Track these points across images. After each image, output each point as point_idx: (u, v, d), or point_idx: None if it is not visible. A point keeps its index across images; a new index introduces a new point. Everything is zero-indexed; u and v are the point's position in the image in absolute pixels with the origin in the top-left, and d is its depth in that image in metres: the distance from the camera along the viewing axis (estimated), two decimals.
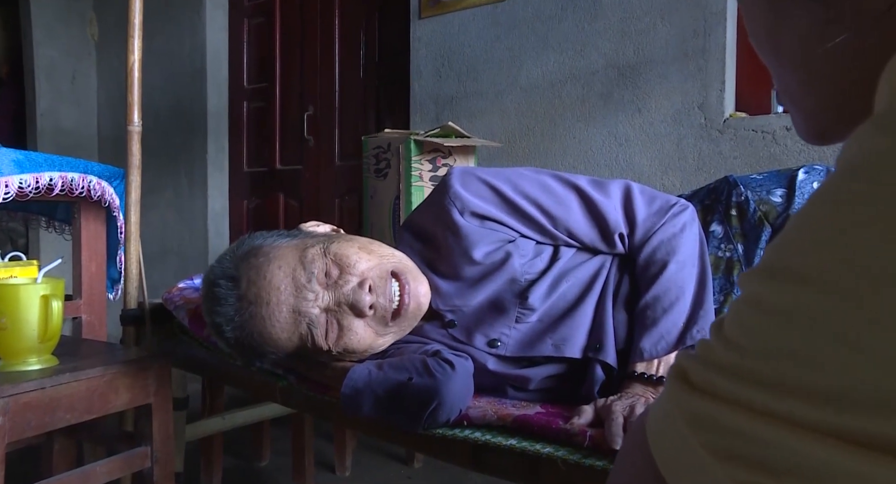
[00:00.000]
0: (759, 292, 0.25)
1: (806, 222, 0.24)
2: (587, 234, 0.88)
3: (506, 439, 0.74)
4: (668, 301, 0.81)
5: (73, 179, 1.42)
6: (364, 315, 0.84)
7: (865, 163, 0.22)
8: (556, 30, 1.93)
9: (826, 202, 0.23)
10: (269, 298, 0.83)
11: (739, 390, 0.25)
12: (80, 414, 0.88)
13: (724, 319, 0.27)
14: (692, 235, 0.86)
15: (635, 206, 0.86)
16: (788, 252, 0.24)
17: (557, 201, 0.88)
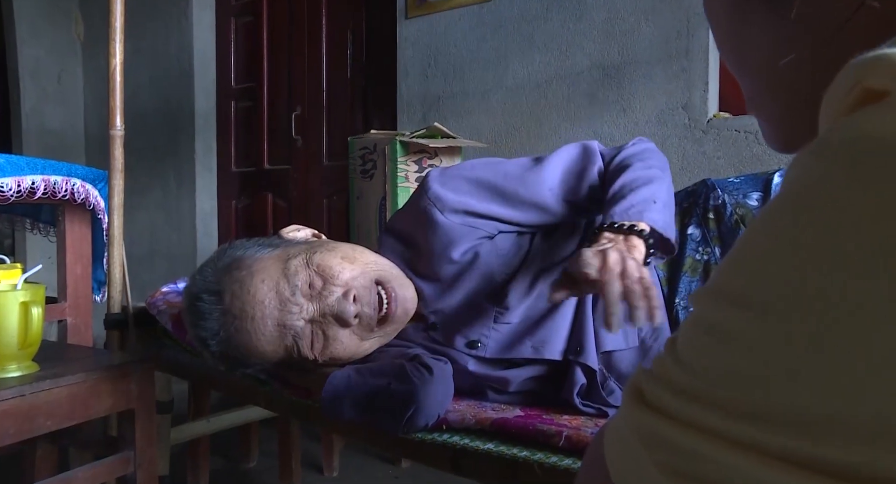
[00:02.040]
0: (706, 313, 0.26)
1: (747, 246, 0.25)
2: (570, 184, 0.88)
3: (483, 443, 0.75)
4: (637, 184, 0.80)
5: (55, 182, 1.41)
6: (349, 325, 0.84)
7: (800, 189, 0.23)
8: (542, 30, 1.94)
9: (765, 226, 0.24)
10: (254, 312, 0.83)
11: (688, 410, 0.25)
12: (61, 420, 0.88)
13: (677, 337, 0.28)
14: (656, 153, 0.89)
15: (602, 149, 0.91)
16: (731, 275, 0.25)
17: (535, 169, 0.89)
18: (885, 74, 0.20)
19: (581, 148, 0.91)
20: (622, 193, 0.79)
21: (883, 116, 0.20)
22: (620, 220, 0.76)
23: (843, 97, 0.22)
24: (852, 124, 0.21)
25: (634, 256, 0.72)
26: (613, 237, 0.74)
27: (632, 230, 0.74)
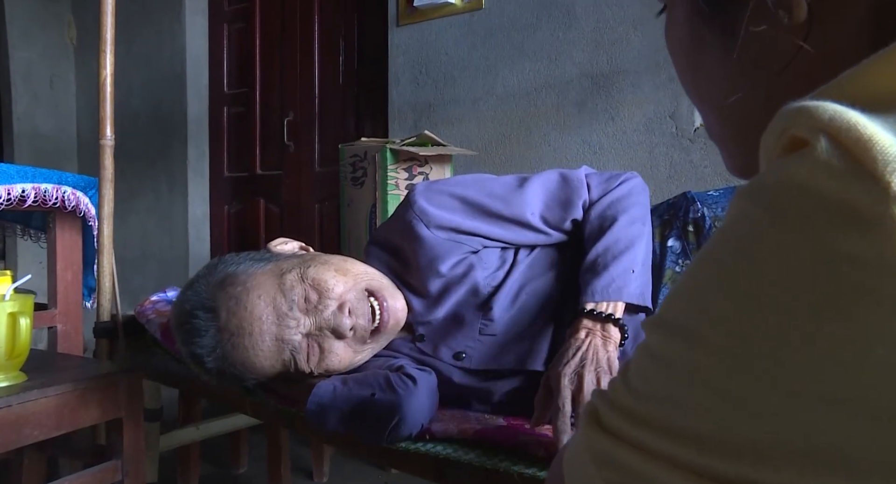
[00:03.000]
0: (651, 340, 0.27)
1: (688, 279, 0.26)
2: (553, 210, 0.90)
3: (466, 453, 0.77)
4: (619, 249, 0.83)
5: (46, 191, 1.42)
6: (345, 337, 0.86)
7: (732, 230, 0.24)
8: (532, 39, 1.96)
9: (703, 263, 0.25)
10: (252, 328, 0.83)
11: (635, 433, 0.27)
12: (49, 430, 0.89)
13: (630, 362, 0.29)
14: (641, 199, 0.90)
15: (590, 179, 0.92)
16: (674, 306, 0.27)
17: (520, 191, 0.90)
18: (805, 126, 0.22)
19: (566, 177, 0.91)
20: (604, 262, 0.83)
21: (803, 165, 0.21)
22: (601, 299, 0.81)
23: (776, 141, 0.24)
24: (778, 170, 0.22)
25: (608, 348, 0.77)
26: (592, 326, 0.79)
27: (609, 319, 0.80)
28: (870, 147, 0.20)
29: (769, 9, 0.29)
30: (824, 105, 0.22)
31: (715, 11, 0.32)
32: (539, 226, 0.90)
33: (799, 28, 0.29)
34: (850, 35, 0.29)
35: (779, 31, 0.29)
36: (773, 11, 0.29)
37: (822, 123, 0.21)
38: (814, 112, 0.22)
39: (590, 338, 0.78)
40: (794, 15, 0.29)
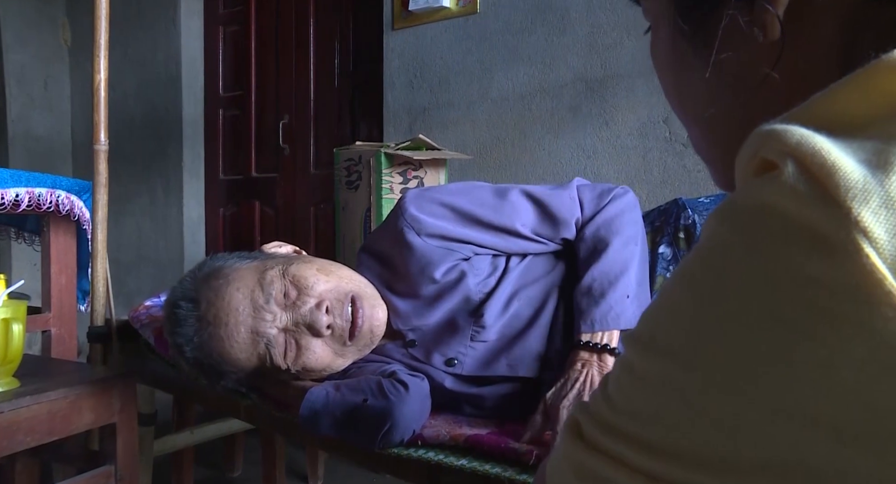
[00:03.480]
0: (629, 356, 0.28)
1: (665, 296, 0.27)
2: (544, 226, 0.91)
3: (457, 459, 0.77)
4: (614, 274, 0.84)
5: (40, 195, 1.42)
6: (321, 335, 0.86)
7: (705, 249, 0.25)
8: (526, 43, 1.97)
9: (677, 280, 0.26)
10: (228, 318, 0.85)
11: (613, 445, 0.27)
12: (41, 436, 0.89)
13: (609, 376, 0.30)
14: (633, 217, 0.90)
15: (582, 194, 0.91)
16: (651, 322, 0.27)
17: (511, 202, 0.91)
18: (774, 149, 0.22)
19: (559, 193, 0.91)
20: (601, 289, 0.84)
21: (771, 188, 0.22)
22: (599, 328, 0.82)
23: (748, 163, 0.24)
24: (749, 192, 0.23)
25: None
26: (588, 358, 0.80)
27: (605, 349, 0.81)
28: (833, 173, 0.20)
29: (743, 27, 0.30)
30: (792, 129, 0.22)
31: (693, 29, 0.33)
32: (529, 235, 0.90)
33: (773, 46, 0.30)
34: (821, 55, 0.29)
35: (753, 49, 0.30)
36: (748, 30, 0.29)
37: (790, 148, 0.22)
38: (782, 136, 0.22)
39: (586, 369, 0.79)
40: (768, 33, 0.29)
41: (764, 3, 0.29)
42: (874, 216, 0.19)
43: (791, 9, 0.29)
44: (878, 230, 0.19)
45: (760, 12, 0.29)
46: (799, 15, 0.29)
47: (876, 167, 0.20)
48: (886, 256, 0.19)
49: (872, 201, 0.19)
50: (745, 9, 0.29)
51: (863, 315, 0.19)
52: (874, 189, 0.20)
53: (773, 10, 0.29)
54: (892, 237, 0.19)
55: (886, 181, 0.20)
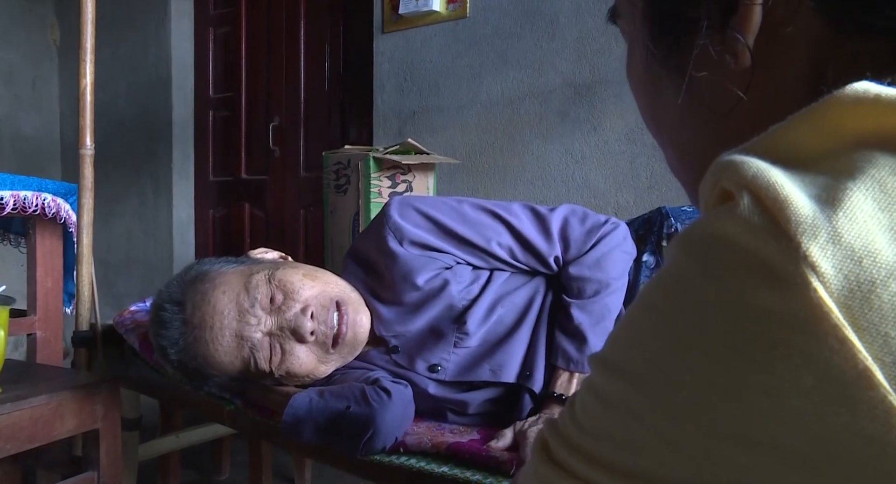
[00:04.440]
0: (594, 377, 0.28)
1: (628, 320, 0.27)
2: (523, 255, 0.91)
3: (439, 466, 0.78)
4: (594, 322, 0.86)
5: (25, 198, 1.41)
6: (305, 341, 0.87)
7: (667, 276, 0.25)
8: (515, 48, 1.97)
9: (641, 305, 0.27)
10: (213, 322, 0.86)
11: (578, 464, 0.28)
12: (22, 443, 0.89)
13: (576, 396, 0.30)
14: (621, 256, 0.91)
15: (570, 227, 0.91)
16: (614, 345, 0.28)
17: (493, 227, 0.91)
18: (732, 181, 0.23)
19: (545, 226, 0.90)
20: (576, 344, 0.86)
21: (728, 219, 0.22)
22: (575, 369, 0.85)
23: (710, 190, 0.25)
24: (708, 222, 0.23)
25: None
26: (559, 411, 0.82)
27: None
28: (785, 207, 0.21)
29: (714, 55, 0.30)
30: (750, 161, 0.23)
31: (665, 55, 0.33)
32: (506, 258, 0.91)
33: (743, 74, 0.30)
34: (791, 85, 0.30)
35: (725, 76, 0.31)
36: (719, 57, 0.30)
37: (746, 180, 0.22)
38: (740, 168, 0.23)
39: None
40: (739, 61, 0.30)
41: (734, 33, 0.29)
42: (822, 251, 0.20)
43: (761, 39, 0.29)
44: (825, 265, 0.20)
45: (731, 41, 0.29)
46: (769, 45, 0.29)
47: (825, 203, 0.21)
48: (833, 290, 0.19)
49: (820, 237, 0.20)
50: (717, 37, 0.30)
51: (811, 346, 0.20)
52: (822, 225, 0.20)
53: (743, 39, 0.29)
54: (837, 272, 0.20)
55: (834, 217, 0.20)
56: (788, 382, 0.20)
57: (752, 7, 0.29)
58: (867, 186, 0.21)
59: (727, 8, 0.29)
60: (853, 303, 0.19)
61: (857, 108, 0.22)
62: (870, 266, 0.19)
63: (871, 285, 0.19)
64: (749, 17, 0.29)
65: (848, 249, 0.20)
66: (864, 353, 0.19)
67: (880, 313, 0.19)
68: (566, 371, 0.85)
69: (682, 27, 0.31)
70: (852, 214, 0.20)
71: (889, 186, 0.20)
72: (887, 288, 0.19)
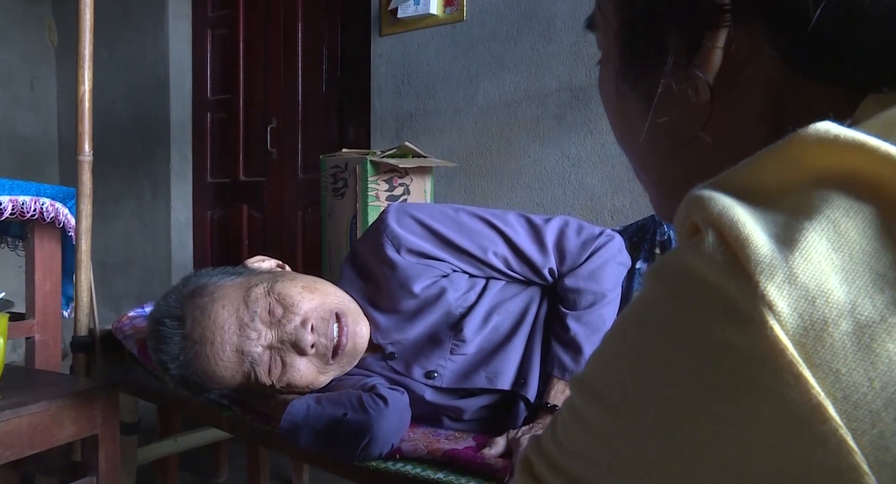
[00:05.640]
0: (573, 398, 0.29)
1: (605, 345, 0.28)
2: (518, 266, 0.92)
3: (434, 473, 0.78)
4: (588, 333, 0.87)
5: (24, 203, 1.42)
6: (305, 353, 0.87)
7: (641, 305, 0.26)
8: (512, 51, 1.98)
9: (617, 331, 0.27)
10: (214, 337, 0.86)
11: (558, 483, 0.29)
12: (21, 450, 0.89)
13: (558, 415, 0.31)
14: (615, 268, 0.91)
15: (566, 239, 0.91)
16: (592, 368, 0.29)
17: (489, 237, 0.92)
18: (699, 216, 0.24)
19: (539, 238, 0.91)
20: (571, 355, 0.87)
21: (696, 254, 0.23)
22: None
23: (683, 223, 0.26)
24: (678, 254, 0.24)
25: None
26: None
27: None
28: (745, 246, 0.22)
29: (677, 88, 0.31)
30: (716, 198, 0.24)
31: (632, 85, 0.34)
32: (501, 268, 0.92)
33: (703, 108, 0.31)
34: (750, 122, 0.31)
35: (687, 109, 0.32)
36: (682, 91, 0.31)
37: (712, 217, 0.23)
38: (707, 204, 0.24)
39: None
40: (699, 96, 0.31)
41: (695, 70, 0.30)
42: (778, 291, 0.21)
43: (722, 76, 0.30)
44: (782, 304, 0.20)
45: (693, 77, 0.31)
46: (729, 83, 0.31)
47: (783, 243, 0.21)
48: (788, 328, 0.20)
49: (777, 277, 0.21)
50: (681, 71, 0.31)
51: (769, 381, 0.21)
52: (780, 265, 0.21)
53: (704, 76, 0.30)
54: (793, 311, 0.20)
55: (790, 258, 0.21)
56: (750, 413, 0.21)
57: (713, 49, 0.30)
58: (822, 227, 0.21)
59: (691, 45, 0.30)
60: (807, 341, 0.20)
61: (818, 148, 0.23)
62: (822, 306, 0.20)
63: (824, 324, 0.20)
64: (710, 56, 0.30)
65: (803, 288, 0.21)
66: (817, 388, 0.20)
67: (832, 351, 0.20)
68: (561, 380, 0.86)
69: (650, 56, 0.33)
70: (807, 255, 0.21)
71: (842, 227, 0.21)
72: (838, 327, 0.20)
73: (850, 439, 0.20)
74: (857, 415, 0.20)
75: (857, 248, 0.21)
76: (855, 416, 0.20)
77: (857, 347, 0.20)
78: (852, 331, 0.20)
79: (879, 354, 0.20)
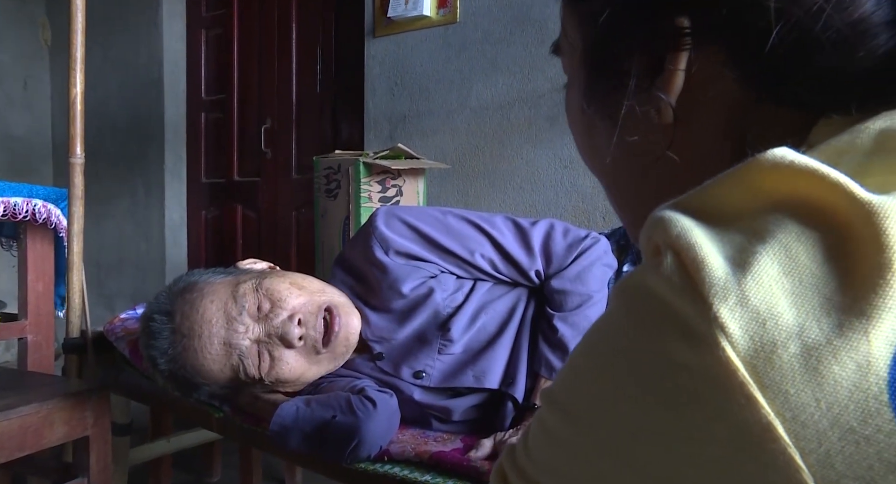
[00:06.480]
0: (543, 411, 0.30)
1: (573, 356, 0.29)
2: (505, 267, 0.93)
3: (422, 475, 0.79)
4: (578, 332, 0.88)
5: (16, 204, 1.42)
6: (293, 346, 0.88)
7: (605, 322, 0.27)
8: (505, 53, 1.99)
9: (583, 346, 0.28)
10: (202, 330, 0.87)
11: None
12: (12, 452, 0.90)
13: (530, 426, 0.32)
14: (601, 270, 0.92)
15: (552, 241, 0.92)
16: (560, 380, 0.29)
17: (477, 239, 0.93)
18: (659, 235, 0.25)
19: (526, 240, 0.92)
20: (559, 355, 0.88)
21: (655, 274, 0.24)
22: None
23: (646, 242, 0.26)
24: (640, 274, 0.25)
25: None
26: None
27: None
28: (701, 268, 0.22)
29: (640, 110, 0.32)
30: (676, 219, 0.24)
31: (599, 102, 0.35)
32: (488, 270, 0.93)
33: (668, 128, 0.32)
34: (713, 143, 0.32)
35: (651, 130, 0.32)
36: (645, 112, 0.32)
37: (671, 239, 0.24)
38: (667, 225, 0.24)
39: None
40: (663, 117, 0.32)
41: (658, 92, 0.31)
42: (731, 313, 0.21)
43: (684, 98, 0.31)
44: (733, 326, 0.21)
45: (656, 98, 0.31)
46: (692, 104, 0.31)
47: (737, 266, 0.22)
48: (739, 350, 0.21)
49: (730, 299, 0.21)
50: (644, 94, 0.32)
51: (721, 401, 0.21)
52: (732, 288, 0.22)
53: (666, 98, 0.31)
54: (744, 333, 0.21)
55: (743, 281, 0.22)
56: (704, 431, 0.22)
57: (675, 71, 0.30)
58: (775, 251, 0.22)
59: (653, 68, 0.31)
60: (757, 362, 0.21)
61: (774, 173, 0.23)
62: (772, 328, 0.21)
63: (773, 346, 0.21)
64: (672, 79, 0.31)
65: (754, 311, 0.21)
66: (766, 408, 0.21)
67: (781, 372, 0.21)
68: (549, 380, 0.87)
69: (613, 79, 0.33)
70: (759, 278, 0.22)
71: (794, 252, 0.22)
72: (787, 349, 0.21)
73: (798, 458, 0.20)
74: (805, 434, 0.20)
75: (806, 272, 0.22)
76: (803, 435, 0.20)
77: (804, 369, 0.20)
78: (800, 353, 0.21)
79: (825, 376, 0.20)
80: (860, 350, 0.20)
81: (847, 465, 0.20)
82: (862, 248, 0.21)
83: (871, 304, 0.20)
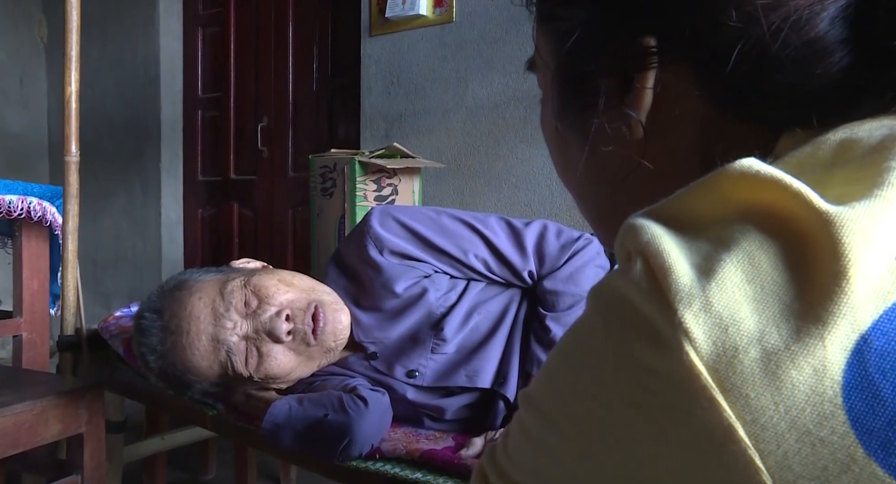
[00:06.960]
0: (522, 413, 0.31)
1: (550, 358, 0.30)
2: (498, 268, 0.94)
3: (413, 473, 0.80)
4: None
5: (10, 202, 1.42)
6: (281, 341, 0.88)
7: (579, 325, 0.28)
8: (501, 52, 1.99)
9: (559, 349, 0.29)
10: (189, 327, 0.88)
11: None
12: (5, 449, 0.90)
13: (509, 427, 0.33)
14: (594, 270, 0.93)
15: (545, 242, 0.93)
16: (538, 383, 0.30)
17: (470, 239, 0.94)
18: (631, 241, 0.25)
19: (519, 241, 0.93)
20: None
21: (625, 280, 0.25)
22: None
23: (620, 249, 0.27)
24: (612, 279, 0.26)
25: None
26: None
27: None
28: (668, 275, 0.23)
29: (610, 127, 0.33)
30: (647, 226, 0.25)
31: (571, 118, 0.36)
32: (483, 272, 0.94)
33: (639, 143, 0.33)
34: (683, 156, 0.33)
35: (623, 144, 0.33)
36: (616, 128, 0.33)
37: (641, 245, 0.24)
38: (638, 232, 0.25)
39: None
40: (633, 133, 0.32)
41: (627, 109, 0.32)
42: (695, 319, 0.22)
43: (654, 114, 0.32)
44: (697, 331, 0.22)
45: (626, 115, 0.32)
46: (662, 120, 0.32)
47: (702, 273, 0.23)
48: (703, 354, 0.22)
49: (694, 305, 0.22)
50: (614, 111, 0.33)
51: (686, 404, 0.22)
52: (697, 294, 0.22)
53: (636, 115, 0.32)
54: (707, 338, 0.22)
55: (707, 288, 0.22)
56: (669, 433, 0.23)
57: (643, 89, 0.31)
58: (738, 259, 0.23)
59: (622, 86, 0.32)
60: (720, 366, 0.22)
61: (741, 182, 0.24)
62: (734, 334, 0.22)
63: (735, 351, 0.22)
64: (641, 96, 0.32)
65: (717, 317, 0.22)
66: (728, 411, 0.21)
67: (742, 376, 0.21)
68: None
69: (584, 97, 0.34)
70: (723, 285, 0.22)
71: (756, 259, 0.23)
72: (748, 354, 0.21)
73: (757, 459, 0.21)
74: (764, 436, 0.21)
75: (768, 279, 0.22)
76: (762, 437, 0.21)
77: (764, 373, 0.21)
78: (760, 358, 0.21)
79: (784, 380, 0.21)
80: (816, 355, 0.21)
81: (804, 466, 0.21)
82: (820, 256, 0.22)
83: (827, 310, 0.21)
